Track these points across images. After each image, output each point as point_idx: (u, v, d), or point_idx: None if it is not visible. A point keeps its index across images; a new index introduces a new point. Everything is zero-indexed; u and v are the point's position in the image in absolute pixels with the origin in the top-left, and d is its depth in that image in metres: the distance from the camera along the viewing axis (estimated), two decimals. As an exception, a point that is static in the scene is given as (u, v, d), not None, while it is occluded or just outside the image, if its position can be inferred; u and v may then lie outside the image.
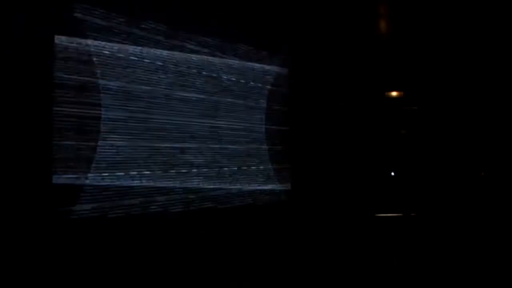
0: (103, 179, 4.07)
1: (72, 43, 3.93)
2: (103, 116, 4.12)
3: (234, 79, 5.31)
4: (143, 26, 4.45)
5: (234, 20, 5.30)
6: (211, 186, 5.00)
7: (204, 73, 5.01)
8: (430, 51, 6.44)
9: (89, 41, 4.05)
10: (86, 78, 4.01)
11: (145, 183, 4.39)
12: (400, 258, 4.57)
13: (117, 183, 4.17)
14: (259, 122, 5.64)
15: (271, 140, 5.75)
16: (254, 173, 5.52)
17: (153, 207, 4.44)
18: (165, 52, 4.64)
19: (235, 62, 5.33)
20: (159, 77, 4.59)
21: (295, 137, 6.09)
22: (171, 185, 4.61)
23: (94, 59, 4.08)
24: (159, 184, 4.51)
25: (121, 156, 4.23)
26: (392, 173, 6.95)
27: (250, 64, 5.53)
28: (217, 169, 5.09)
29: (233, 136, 5.32)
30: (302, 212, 5.92)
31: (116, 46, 4.23)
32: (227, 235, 4.87)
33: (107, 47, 4.18)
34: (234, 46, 5.33)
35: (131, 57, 4.36)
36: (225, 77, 5.20)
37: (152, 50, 4.54)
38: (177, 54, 4.75)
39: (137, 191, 4.33)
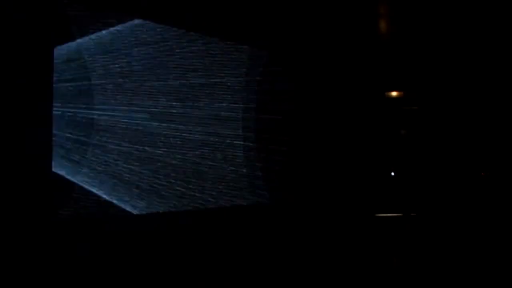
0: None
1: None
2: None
3: (227, 75, 5.29)
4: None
5: (232, 19, 5.29)
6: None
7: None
8: (430, 51, 6.43)
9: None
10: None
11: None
12: (400, 258, 4.56)
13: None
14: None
15: (271, 140, 5.76)
16: (254, 171, 5.52)
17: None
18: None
19: (229, 59, 5.33)
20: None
21: (295, 137, 6.09)
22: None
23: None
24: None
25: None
26: (392, 173, 6.94)
27: (245, 63, 5.53)
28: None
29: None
30: (302, 211, 5.92)
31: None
32: (226, 235, 4.87)
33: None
34: (229, 43, 5.32)
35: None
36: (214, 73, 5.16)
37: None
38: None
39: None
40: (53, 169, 3.76)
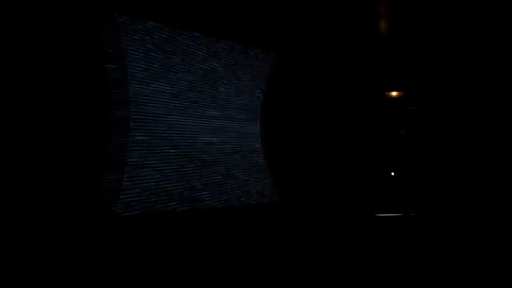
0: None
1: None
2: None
3: (228, 79, 5.30)
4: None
5: (232, 18, 5.29)
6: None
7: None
8: (430, 51, 6.43)
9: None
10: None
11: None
12: (400, 258, 4.56)
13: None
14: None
15: (271, 140, 5.76)
16: (254, 170, 5.52)
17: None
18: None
19: (230, 60, 5.33)
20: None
21: (296, 137, 6.09)
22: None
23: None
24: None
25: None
26: (392, 173, 6.94)
27: (246, 64, 5.53)
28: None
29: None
30: (302, 211, 5.92)
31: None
32: (225, 235, 4.87)
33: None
34: (230, 44, 5.32)
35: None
36: (217, 79, 5.18)
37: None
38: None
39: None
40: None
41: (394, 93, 7.07)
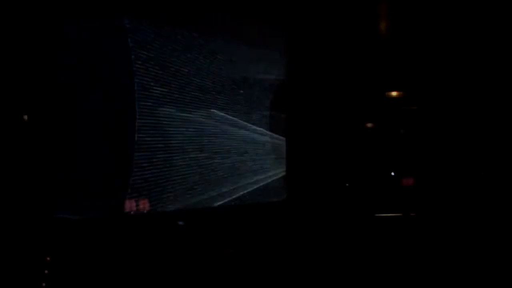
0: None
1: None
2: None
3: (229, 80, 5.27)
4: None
5: (230, 16, 5.26)
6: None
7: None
8: (430, 51, 6.43)
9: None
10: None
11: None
12: (400, 258, 4.56)
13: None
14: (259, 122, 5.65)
15: (271, 139, 5.76)
16: (253, 170, 5.51)
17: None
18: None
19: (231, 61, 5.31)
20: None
21: (295, 136, 6.09)
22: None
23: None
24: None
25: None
26: (392, 173, 6.94)
27: (245, 64, 5.51)
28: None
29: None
30: (302, 211, 5.92)
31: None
32: (223, 234, 4.87)
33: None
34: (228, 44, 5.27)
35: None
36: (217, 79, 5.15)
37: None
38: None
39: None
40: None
41: (394, 93, 7.07)
